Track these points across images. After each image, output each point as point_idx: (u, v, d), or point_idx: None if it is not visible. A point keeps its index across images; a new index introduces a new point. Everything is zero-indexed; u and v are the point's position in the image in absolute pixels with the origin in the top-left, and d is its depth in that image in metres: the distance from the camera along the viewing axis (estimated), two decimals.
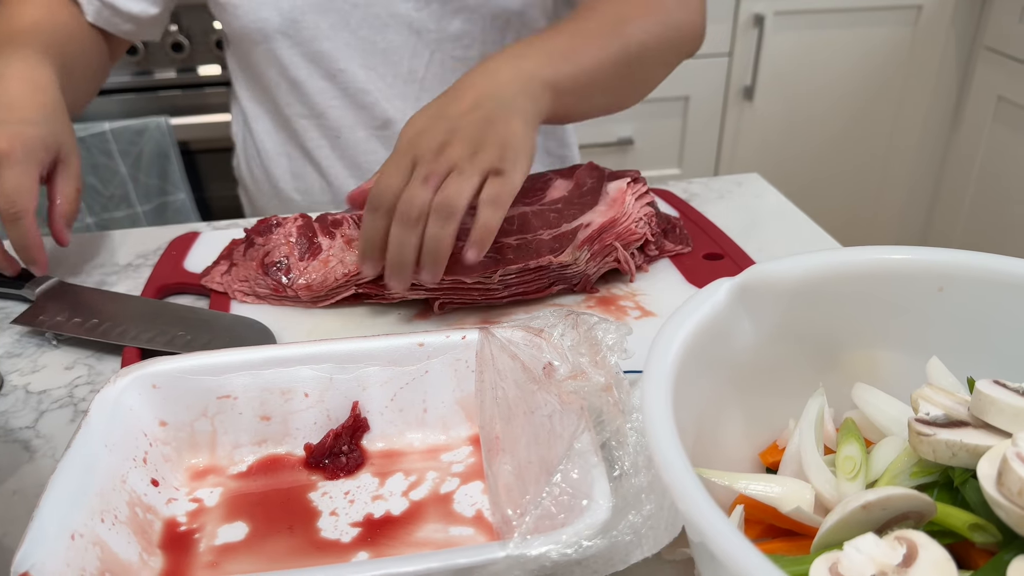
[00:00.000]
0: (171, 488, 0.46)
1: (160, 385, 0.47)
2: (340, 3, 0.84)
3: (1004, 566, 0.30)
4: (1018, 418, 0.34)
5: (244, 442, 0.48)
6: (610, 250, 0.66)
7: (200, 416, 0.47)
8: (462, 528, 0.43)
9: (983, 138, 1.83)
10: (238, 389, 0.48)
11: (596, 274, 0.66)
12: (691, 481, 0.31)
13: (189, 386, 0.47)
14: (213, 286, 0.65)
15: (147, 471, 0.45)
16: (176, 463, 0.47)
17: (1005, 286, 0.42)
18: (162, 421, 0.47)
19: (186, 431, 0.47)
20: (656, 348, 0.37)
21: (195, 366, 0.47)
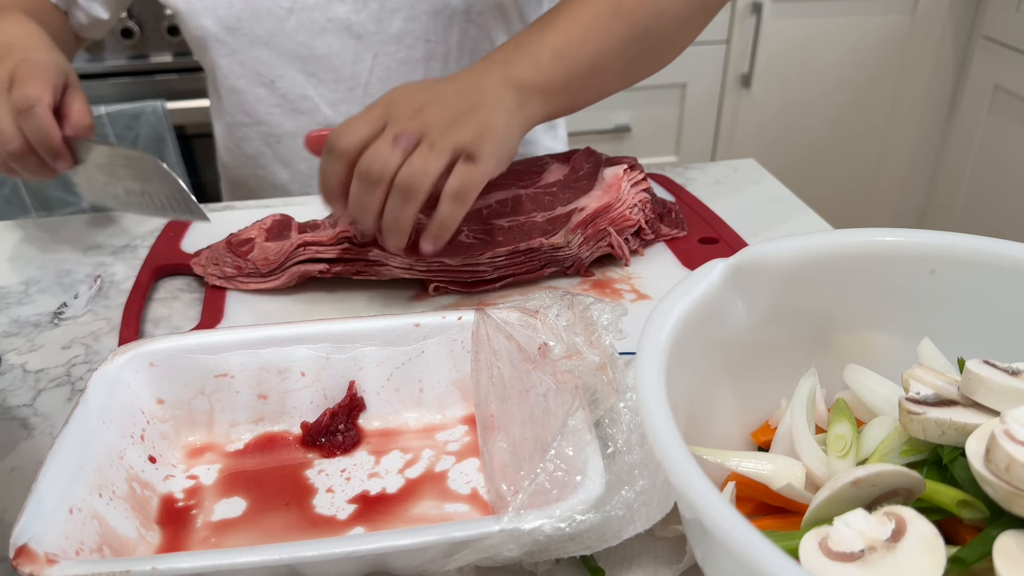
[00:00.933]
0: (168, 465, 0.46)
1: (157, 363, 0.47)
2: (275, 9, 0.81)
3: (991, 541, 0.31)
4: (1006, 397, 0.35)
5: (241, 420, 0.49)
6: (603, 235, 0.66)
7: (197, 394, 0.48)
8: (457, 505, 0.44)
9: (979, 127, 1.83)
10: (235, 368, 0.48)
11: (589, 258, 0.66)
12: (684, 456, 0.31)
13: (186, 364, 0.47)
14: (197, 269, 0.66)
15: (144, 448, 0.45)
16: (174, 440, 0.47)
17: (997, 268, 0.43)
18: (159, 399, 0.47)
19: (183, 409, 0.48)
20: (650, 327, 0.38)
21: (192, 345, 0.48)
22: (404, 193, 0.55)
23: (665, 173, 0.84)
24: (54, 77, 0.65)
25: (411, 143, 0.56)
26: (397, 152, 0.56)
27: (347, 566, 0.37)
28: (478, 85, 0.61)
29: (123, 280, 0.68)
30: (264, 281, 0.64)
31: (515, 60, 0.63)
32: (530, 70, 0.62)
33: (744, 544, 0.28)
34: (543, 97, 0.63)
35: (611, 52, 0.65)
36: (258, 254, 0.64)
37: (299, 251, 0.63)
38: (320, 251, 0.63)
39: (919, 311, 0.44)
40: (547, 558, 0.38)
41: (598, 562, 0.41)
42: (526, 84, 0.62)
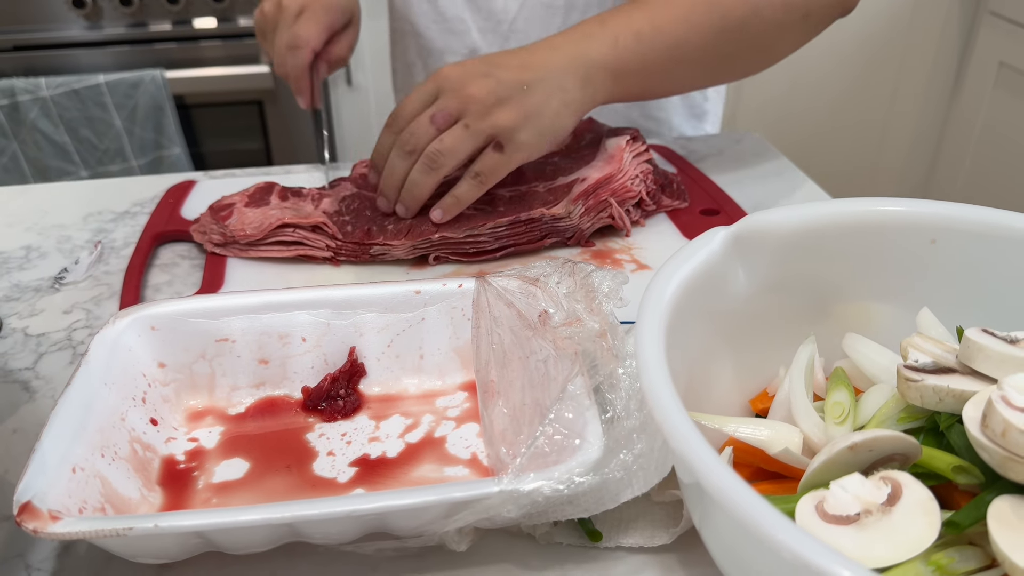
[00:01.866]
0: (170, 428, 0.46)
1: (159, 327, 0.47)
2: None
3: (985, 505, 0.31)
4: (1004, 364, 0.35)
5: (242, 384, 0.49)
6: (605, 206, 0.66)
7: (199, 358, 0.48)
8: (456, 469, 0.44)
9: (984, 103, 1.82)
10: (236, 332, 0.48)
11: (590, 229, 0.66)
12: (683, 420, 0.31)
13: (187, 328, 0.47)
14: (196, 236, 0.65)
15: (146, 410, 0.45)
16: (175, 404, 0.47)
17: (997, 239, 0.43)
18: (161, 362, 0.47)
19: (185, 373, 0.48)
20: (650, 293, 0.38)
21: (193, 309, 0.48)
22: (428, 164, 0.59)
23: (667, 144, 0.84)
24: (335, 19, 0.71)
25: (447, 121, 0.59)
26: (432, 128, 0.59)
27: (347, 526, 0.37)
28: (544, 62, 0.61)
29: (123, 246, 0.68)
30: (260, 250, 0.64)
31: (594, 36, 0.63)
32: (606, 49, 0.62)
33: (742, 505, 0.28)
34: (613, 78, 0.63)
35: (697, 45, 0.64)
36: (236, 221, 0.64)
37: (282, 231, 0.63)
38: (307, 237, 0.63)
39: (919, 281, 0.44)
40: (545, 520, 0.39)
41: (595, 525, 0.41)
42: (598, 62, 0.62)
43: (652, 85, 0.67)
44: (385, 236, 0.63)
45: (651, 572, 0.40)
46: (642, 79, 0.65)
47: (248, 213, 0.65)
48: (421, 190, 0.61)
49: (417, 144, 0.60)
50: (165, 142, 1.57)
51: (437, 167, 0.59)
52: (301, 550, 0.40)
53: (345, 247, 0.63)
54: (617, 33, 0.63)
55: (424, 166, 0.60)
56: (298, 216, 0.64)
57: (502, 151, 0.60)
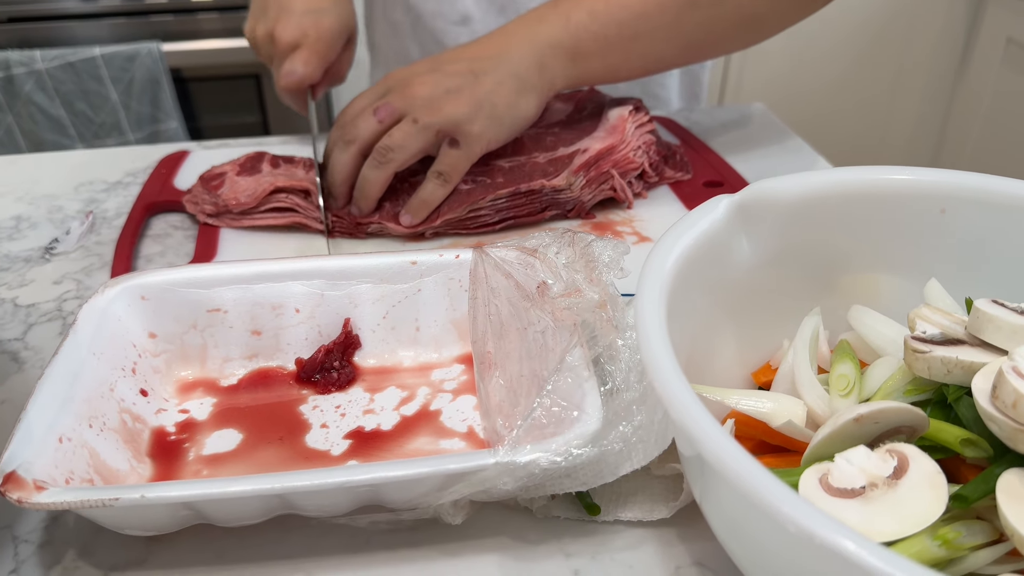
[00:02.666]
0: (160, 399, 0.45)
1: (149, 297, 0.46)
2: None
3: (994, 479, 0.30)
4: (1016, 335, 0.34)
5: (235, 356, 0.48)
6: (606, 177, 0.64)
7: (190, 329, 0.47)
8: (453, 442, 0.43)
9: (991, 80, 1.80)
10: (228, 303, 0.47)
11: (591, 201, 0.65)
12: (684, 390, 0.30)
13: (178, 298, 0.46)
14: (189, 207, 0.64)
15: (136, 381, 0.44)
16: (166, 375, 0.47)
17: (1008, 208, 0.42)
18: (151, 333, 0.46)
19: (176, 343, 0.47)
20: (652, 261, 0.37)
21: (184, 279, 0.47)
22: (378, 159, 0.59)
23: (671, 116, 0.82)
24: (332, 48, 0.67)
25: (389, 115, 0.59)
26: (374, 121, 0.59)
27: (340, 498, 0.37)
28: (497, 50, 0.61)
29: (115, 216, 0.66)
30: (254, 218, 0.62)
31: (546, 18, 0.62)
32: (559, 29, 0.61)
33: (745, 477, 0.27)
34: (571, 60, 0.61)
35: (658, 19, 0.60)
36: (228, 190, 0.63)
37: (275, 197, 0.62)
38: (299, 204, 0.62)
39: (927, 251, 0.43)
40: (543, 494, 0.38)
41: (594, 499, 0.40)
42: (553, 44, 0.61)
43: (615, 65, 0.63)
44: (381, 215, 0.62)
45: (650, 546, 0.39)
46: (602, 59, 0.62)
47: (240, 181, 0.64)
48: (372, 186, 0.60)
49: (357, 135, 0.59)
50: (162, 116, 1.56)
51: (386, 161, 0.59)
52: (293, 523, 0.40)
53: (340, 222, 0.62)
54: (569, 12, 0.61)
55: (374, 161, 0.59)
56: (291, 180, 0.62)
57: (458, 146, 0.59)
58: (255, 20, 0.70)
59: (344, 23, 0.68)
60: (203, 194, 0.63)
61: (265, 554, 0.39)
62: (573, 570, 0.38)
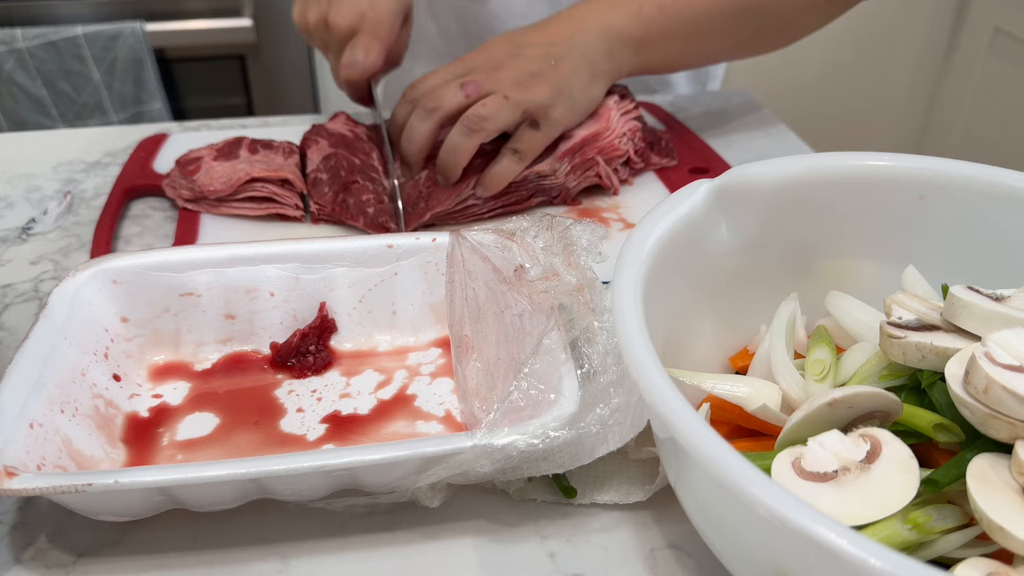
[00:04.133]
0: (134, 384, 0.45)
1: (121, 280, 0.45)
2: None
3: (965, 463, 0.30)
4: (989, 321, 0.34)
5: (208, 340, 0.47)
6: (591, 164, 0.64)
7: (163, 313, 0.46)
8: (431, 425, 0.43)
9: (977, 69, 1.80)
10: (201, 287, 0.46)
11: (577, 187, 0.65)
12: (659, 374, 0.30)
13: (151, 282, 0.46)
14: (168, 191, 0.63)
15: (108, 366, 0.44)
16: (139, 359, 0.46)
17: (985, 196, 0.42)
18: (123, 317, 0.46)
19: (149, 328, 0.46)
20: (630, 245, 0.37)
21: (156, 262, 0.46)
22: (469, 127, 0.58)
23: (655, 102, 0.82)
24: (392, 30, 0.65)
25: (476, 91, 0.59)
26: (460, 94, 0.59)
27: (317, 482, 0.36)
28: (570, 34, 0.62)
29: (93, 196, 0.66)
30: (231, 207, 0.62)
31: (617, 7, 0.63)
32: (630, 20, 0.62)
33: (717, 460, 0.27)
34: (637, 49, 0.63)
35: (718, 20, 0.64)
36: (204, 176, 0.62)
37: (251, 186, 0.61)
38: (276, 193, 0.61)
39: (905, 238, 0.43)
40: (520, 476, 0.38)
41: (570, 482, 0.40)
42: (623, 33, 0.62)
43: (673, 57, 0.67)
44: (364, 222, 0.60)
45: (626, 529, 0.39)
46: (664, 51, 0.65)
47: (216, 167, 0.62)
48: (460, 154, 0.59)
49: (440, 104, 0.59)
50: (145, 96, 1.54)
51: (478, 130, 0.58)
52: (269, 506, 0.39)
53: (323, 209, 0.61)
54: (641, 4, 0.63)
55: (465, 128, 0.58)
56: (267, 169, 0.61)
57: (538, 128, 0.60)
58: (305, 5, 0.66)
59: (400, 2, 0.65)
60: (179, 179, 0.63)
61: (241, 538, 0.39)
62: (549, 552, 0.38)
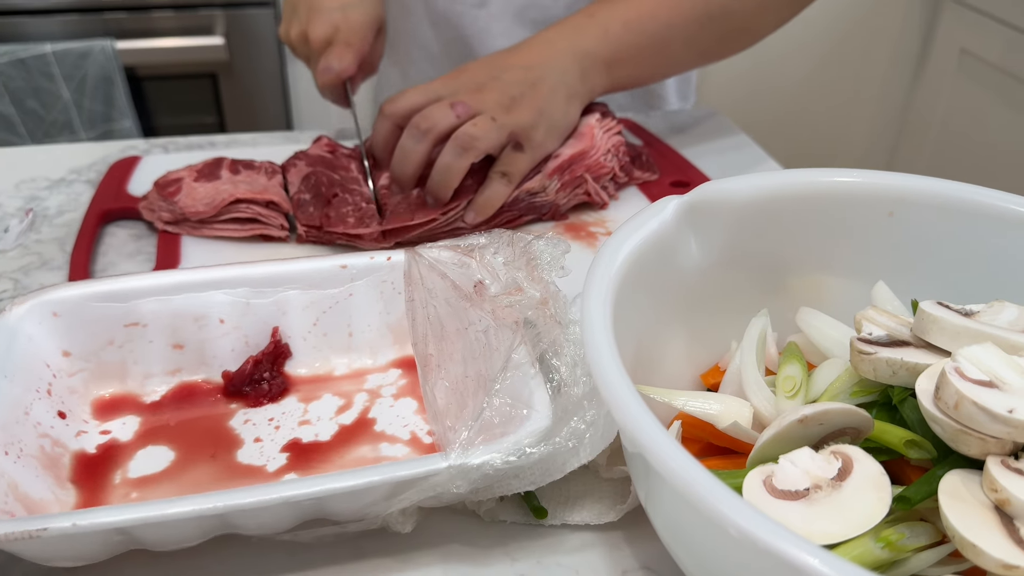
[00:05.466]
0: (80, 421, 0.43)
1: (61, 313, 0.43)
2: None
3: (937, 480, 0.30)
4: (958, 337, 0.34)
5: (156, 371, 0.46)
6: (580, 182, 0.65)
7: (107, 345, 0.45)
8: (396, 448, 0.42)
9: (945, 90, 1.84)
10: (147, 316, 0.45)
11: (567, 204, 0.65)
12: (628, 392, 0.30)
13: (93, 314, 0.44)
14: (145, 214, 0.62)
15: (52, 403, 0.42)
16: (83, 395, 0.44)
17: (954, 212, 0.42)
18: (65, 351, 0.44)
19: (93, 361, 0.44)
20: (599, 261, 0.36)
21: (98, 292, 0.44)
22: (461, 146, 0.58)
23: (631, 119, 0.82)
24: (365, 40, 0.68)
25: (466, 112, 0.60)
26: (451, 114, 0.59)
27: (284, 513, 0.35)
28: (544, 59, 0.63)
29: (57, 214, 0.64)
30: (214, 228, 0.60)
31: (585, 30, 0.64)
32: (598, 41, 0.64)
33: (686, 478, 0.27)
34: (608, 68, 0.65)
35: (683, 29, 0.66)
36: (186, 198, 0.60)
37: (235, 207, 0.60)
38: (261, 214, 0.60)
39: (875, 254, 0.43)
40: (492, 495, 0.37)
41: (541, 502, 0.39)
42: (593, 54, 0.64)
43: (644, 71, 0.68)
44: (346, 227, 0.59)
45: (597, 551, 0.39)
46: (635, 66, 0.67)
47: (198, 188, 0.61)
48: (453, 174, 0.59)
49: (433, 125, 0.59)
50: (115, 115, 1.52)
51: (470, 149, 0.58)
52: (231, 542, 0.38)
53: (311, 231, 0.60)
54: (606, 24, 0.64)
55: (458, 148, 0.58)
56: (252, 191, 0.60)
57: (523, 150, 0.61)
58: (288, 22, 0.70)
59: (373, 14, 0.69)
60: (159, 201, 0.61)
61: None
62: (519, 575, 0.37)
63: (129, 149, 0.75)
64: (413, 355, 0.47)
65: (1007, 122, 1.68)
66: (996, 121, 1.71)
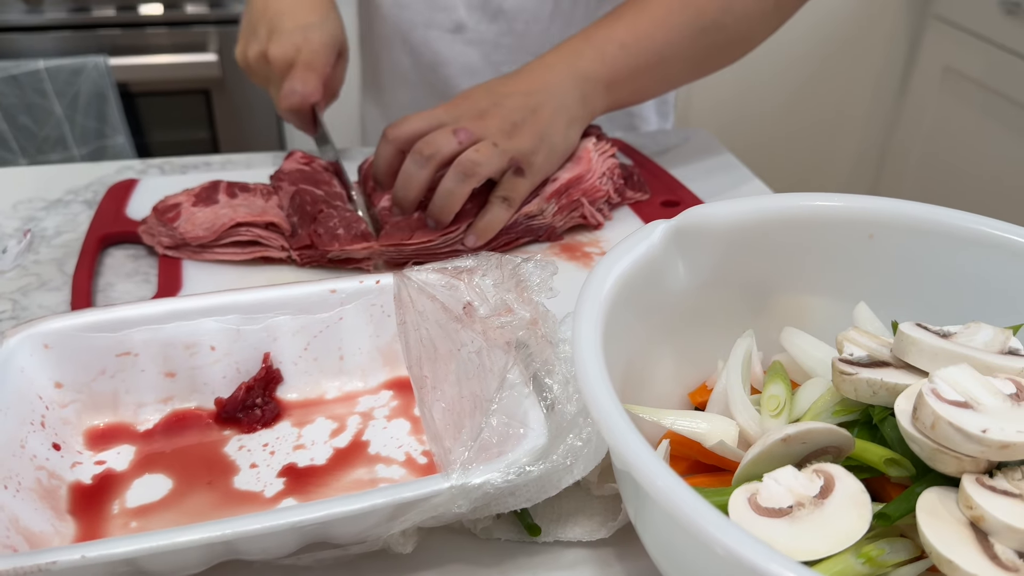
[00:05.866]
0: (74, 452, 0.43)
1: (52, 344, 0.44)
2: None
3: (915, 497, 0.31)
4: (937, 358, 0.35)
5: (149, 400, 0.46)
6: (576, 205, 0.66)
7: (99, 375, 0.45)
8: (392, 469, 0.43)
9: (929, 107, 1.86)
10: (138, 345, 0.45)
11: (563, 226, 0.67)
12: (616, 411, 0.31)
13: (84, 344, 0.44)
14: (145, 238, 0.63)
15: (47, 435, 0.42)
16: (76, 425, 0.44)
17: (933, 234, 0.43)
18: (57, 383, 0.44)
19: (85, 392, 0.45)
20: (589, 284, 0.37)
21: (89, 323, 0.44)
22: (464, 172, 0.59)
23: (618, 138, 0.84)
24: (327, 62, 0.68)
25: (468, 139, 0.60)
26: (454, 141, 0.60)
27: (288, 538, 0.36)
28: (545, 84, 0.64)
29: (54, 235, 0.65)
30: (215, 252, 0.61)
31: (583, 53, 0.65)
32: (597, 63, 0.65)
33: (674, 498, 0.28)
34: (607, 90, 0.66)
35: (678, 45, 0.67)
36: (185, 223, 0.61)
37: (235, 231, 0.61)
38: (261, 236, 0.61)
39: (857, 275, 0.44)
40: (488, 514, 0.38)
41: (534, 519, 0.40)
42: (592, 77, 0.65)
43: (642, 90, 0.70)
44: (340, 243, 0.60)
45: (589, 567, 0.40)
46: (633, 86, 0.68)
47: (197, 213, 0.62)
48: (455, 199, 0.60)
49: (437, 151, 0.60)
50: (108, 131, 1.53)
51: (472, 175, 0.59)
52: (231, 567, 0.38)
53: (305, 253, 0.61)
54: (603, 46, 0.65)
55: (460, 174, 0.59)
56: (251, 213, 0.61)
57: (523, 175, 0.62)
58: (246, 42, 0.69)
59: (334, 36, 0.69)
60: (158, 226, 0.62)
61: None
62: None
63: (125, 170, 0.76)
64: (404, 377, 0.48)
65: (990, 137, 1.71)
66: (979, 136, 1.73)
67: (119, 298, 0.58)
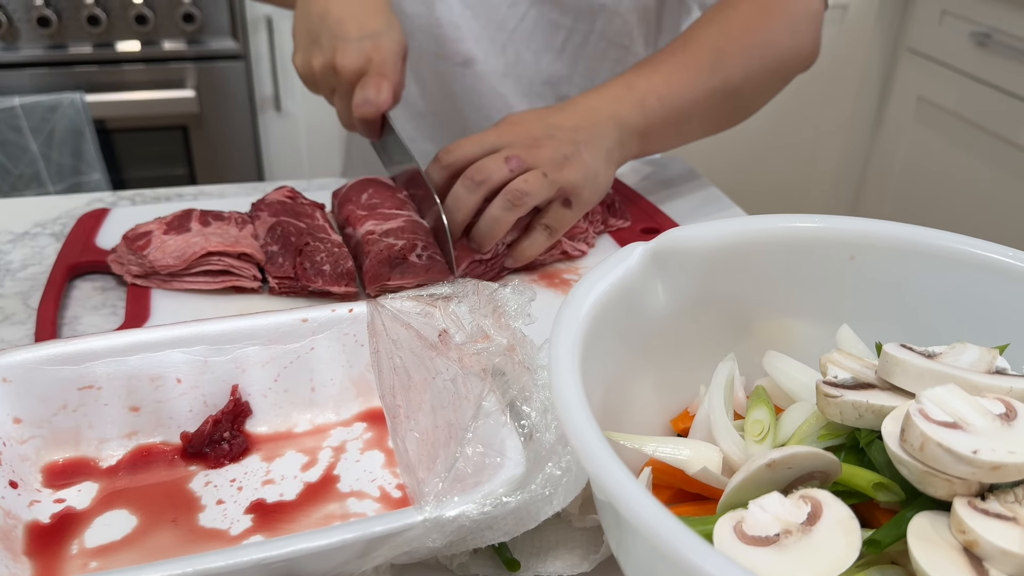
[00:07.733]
0: (32, 490, 0.42)
1: (11, 379, 0.42)
2: None
3: (905, 522, 0.30)
4: (922, 379, 0.34)
5: (112, 435, 0.44)
6: (556, 243, 0.66)
7: (60, 410, 0.43)
8: (365, 504, 0.41)
9: (904, 137, 1.89)
10: (101, 378, 0.44)
11: (543, 262, 0.66)
12: (596, 438, 0.30)
13: (45, 378, 0.43)
14: (115, 267, 0.61)
15: (3, 473, 0.41)
16: (35, 462, 0.43)
17: (914, 255, 0.43)
18: (16, 418, 0.42)
19: (45, 427, 0.43)
20: (566, 309, 0.36)
21: (50, 355, 0.43)
22: (511, 201, 0.60)
23: None
24: (398, 66, 0.66)
25: (519, 167, 0.61)
26: (505, 168, 0.61)
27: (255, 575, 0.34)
28: (590, 123, 0.65)
29: (20, 268, 0.63)
30: (184, 281, 0.60)
31: (624, 99, 0.67)
32: (636, 112, 0.67)
33: (656, 527, 0.26)
34: (641, 138, 0.68)
35: (704, 105, 0.70)
36: (156, 251, 0.59)
37: (206, 260, 0.59)
38: (233, 265, 0.59)
39: (839, 297, 0.44)
40: (465, 548, 0.37)
41: (513, 553, 0.39)
42: (630, 125, 0.67)
43: (664, 142, 0.72)
44: (324, 280, 0.58)
45: None
46: (661, 137, 0.70)
47: (168, 241, 0.60)
48: (501, 226, 0.60)
49: (488, 177, 0.61)
50: (84, 167, 1.52)
51: (519, 204, 0.60)
52: None
53: (283, 283, 0.59)
54: (644, 97, 0.68)
55: (507, 203, 0.60)
56: (224, 243, 0.60)
57: (570, 207, 0.63)
58: (307, 53, 0.67)
59: (400, 43, 0.68)
60: (128, 254, 0.60)
61: None
62: None
63: (96, 202, 0.74)
64: (378, 408, 0.46)
65: (963, 164, 1.73)
66: (952, 164, 1.76)
67: (85, 331, 0.56)
